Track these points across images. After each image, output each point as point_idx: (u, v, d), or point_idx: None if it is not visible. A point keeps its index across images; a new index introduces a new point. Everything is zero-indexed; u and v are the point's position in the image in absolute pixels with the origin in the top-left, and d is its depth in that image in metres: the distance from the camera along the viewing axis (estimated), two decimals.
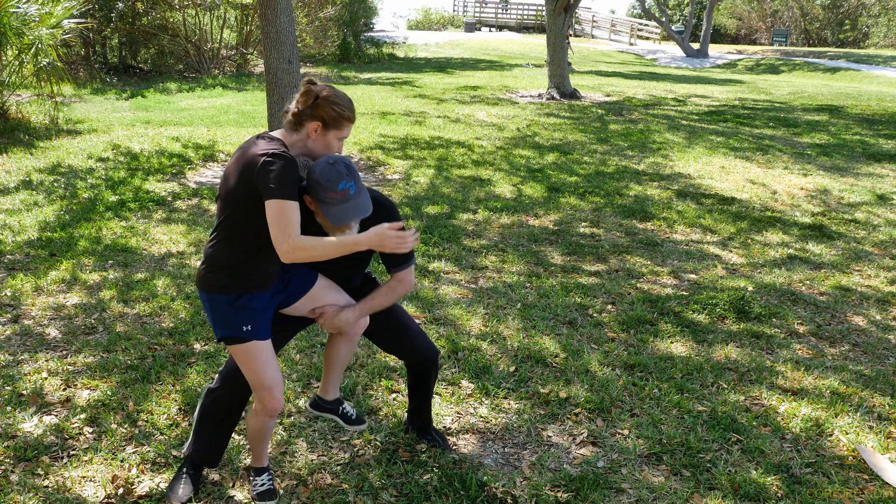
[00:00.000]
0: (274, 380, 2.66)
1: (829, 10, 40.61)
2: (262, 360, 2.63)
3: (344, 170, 2.52)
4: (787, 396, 3.75)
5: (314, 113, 2.52)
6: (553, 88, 14.60)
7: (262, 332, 2.64)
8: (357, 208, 2.54)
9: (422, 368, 3.09)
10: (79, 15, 11.93)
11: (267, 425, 2.78)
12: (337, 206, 2.51)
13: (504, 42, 32.07)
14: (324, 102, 2.52)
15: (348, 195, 2.51)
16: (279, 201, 2.37)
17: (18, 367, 3.84)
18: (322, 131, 2.54)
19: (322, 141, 2.56)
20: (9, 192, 6.99)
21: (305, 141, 2.56)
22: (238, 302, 2.57)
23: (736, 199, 7.52)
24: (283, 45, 7.18)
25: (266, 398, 2.67)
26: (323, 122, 2.53)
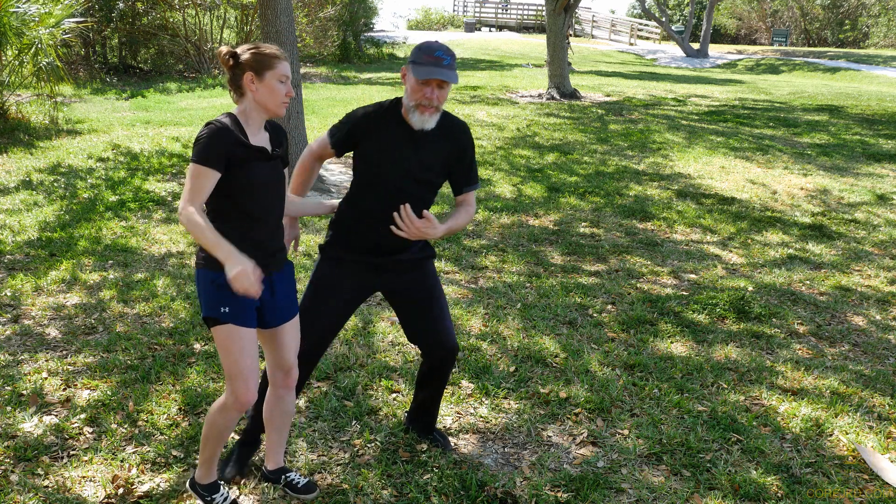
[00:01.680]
0: (251, 369, 2.56)
1: (829, 10, 40.61)
2: (239, 347, 2.54)
3: (445, 47, 2.70)
4: (787, 396, 3.75)
5: (240, 70, 2.53)
6: (553, 88, 14.60)
7: (243, 318, 2.55)
8: (443, 73, 2.66)
9: (441, 364, 3.06)
10: (79, 15, 11.93)
11: (229, 426, 2.66)
12: (427, 66, 2.67)
13: (504, 42, 32.07)
14: (243, 53, 2.53)
15: (441, 62, 2.68)
16: (192, 164, 2.45)
17: (18, 367, 3.84)
18: (257, 80, 2.52)
19: (264, 89, 2.53)
20: (9, 192, 6.99)
21: (254, 102, 2.55)
22: (218, 279, 2.49)
23: (736, 199, 7.52)
24: (283, 45, 7.18)
25: (240, 389, 2.55)
26: (253, 71, 2.51)
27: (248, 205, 2.55)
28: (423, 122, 2.73)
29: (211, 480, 2.79)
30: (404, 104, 2.77)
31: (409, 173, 2.78)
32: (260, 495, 2.90)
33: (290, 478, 2.93)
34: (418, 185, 2.81)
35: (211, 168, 2.43)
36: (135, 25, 18.73)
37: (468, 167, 2.91)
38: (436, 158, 2.82)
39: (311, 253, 5.71)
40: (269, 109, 2.57)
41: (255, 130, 2.58)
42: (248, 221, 2.56)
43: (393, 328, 4.41)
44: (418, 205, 2.81)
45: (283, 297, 2.70)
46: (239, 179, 2.50)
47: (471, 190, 2.94)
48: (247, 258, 2.37)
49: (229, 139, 2.47)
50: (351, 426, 3.39)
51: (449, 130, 2.83)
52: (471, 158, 2.92)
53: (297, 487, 2.90)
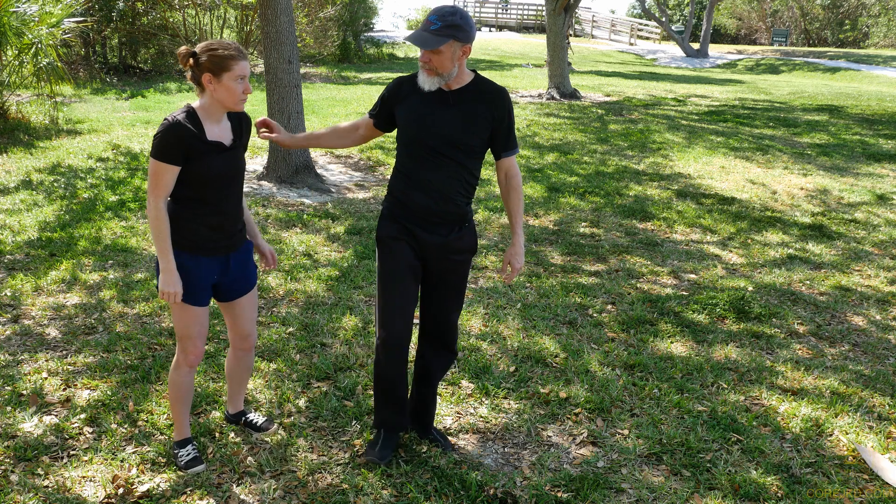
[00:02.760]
0: (200, 334, 2.87)
1: (829, 10, 40.61)
2: (189, 317, 2.83)
3: (446, 10, 2.74)
4: (787, 396, 3.75)
5: (199, 69, 2.62)
6: (553, 88, 14.60)
7: (194, 297, 2.80)
8: (418, 36, 2.72)
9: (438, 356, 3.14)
10: (79, 15, 11.93)
11: (185, 381, 2.94)
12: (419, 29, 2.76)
13: (504, 42, 32.07)
14: (201, 55, 2.61)
15: (428, 27, 2.72)
16: (152, 160, 2.65)
17: (18, 367, 3.84)
18: (215, 80, 2.63)
19: (221, 89, 2.65)
20: (9, 192, 6.99)
21: (213, 99, 2.67)
22: (176, 259, 2.74)
23: (736, 199, 7.52)
24: (283, 45, 7.18)
25: (188, 347, 2.87)
26: (210, 72, 2.61)
27: (205, 194, 2.73)
28: (424, 83, 2.82)
29: (182, 437, 3.06)
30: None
31: (443, 136, 2.83)
32: (260, 496, 2.91)
33: (249, 418, 3.29)
34: (454, 148, 2.84)
35: (169, 164, 2.63)
36: (135, 25, 18.72)
37: (506, 132, 2.94)
38: (470, 121, 2.85)
39: (311, 253, 5.71)
40: (227, 106, 2.71)
41: (215, 123, 2.72)
42: (204, 207, 2.75)
43: None
44: (457, 169, 2.88)
45: (238, 274, 2.92)
46: (194, 172, 2.68)
47: (510, 154, 2.99)
48: (178, 280, 2.72)
49: (184, 134, 2.62)
50: (351, 426, 3.39)
51: (485, 94, 2.88)
52: (511, 123, 2.95)
53: (257, 426, 3.25)
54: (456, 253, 2.98)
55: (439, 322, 3.09)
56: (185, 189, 2.71)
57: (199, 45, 2.67)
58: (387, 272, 2.95)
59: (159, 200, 2.67)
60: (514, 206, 3.02)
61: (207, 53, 2.61)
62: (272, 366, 3.93)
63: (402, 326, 2.95)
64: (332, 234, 6.19)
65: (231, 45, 2.65)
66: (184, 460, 3.00)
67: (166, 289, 2.71)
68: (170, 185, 2.67)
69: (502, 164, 3.00)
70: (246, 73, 2.66)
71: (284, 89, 7.27)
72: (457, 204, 2.92)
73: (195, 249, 2.78)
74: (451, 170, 2.87)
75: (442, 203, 2.89)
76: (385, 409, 3.11)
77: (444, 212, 2.91)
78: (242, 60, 2.64)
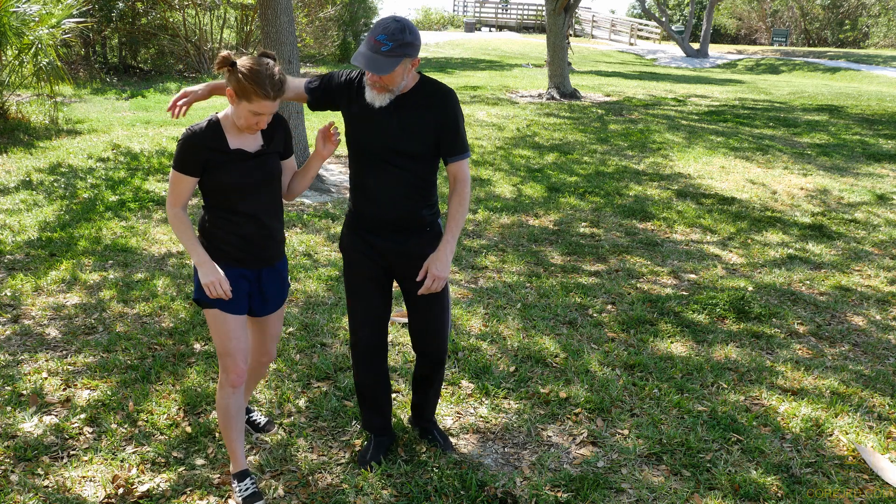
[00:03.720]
0: (237, 349, 2.74)
1: (829, 10, 40.61)
2: (227, 329, 2.72)
3: (393, 27, 2.55)
4: (787, 396, 3.75)
5: (228, 80, 2.53)
6: (553, 88, 14.60)
7: (229, 305, 2.70)
8: (370, 61, 2.55)
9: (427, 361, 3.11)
10: (79, 15, 11.93)
11: (232, 403, 2.79)
12: (364, 49, 2.57)
13: (504, 42, 32.07)
14: (236, 71, 2.49)
15: (378, 48, 2.54)
16: (172, 169, 2.63)
17: (18, 367, 3.84)
18: (236, 99, 2.52)
19: (237, 110, 2.56)
20: (9, 192, 6.99)
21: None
22: None
23: (736, 199, 7.52)
24: (283, 45, 7.18)
25: (229, 365, 2.76)
26: (235, 91, 2.51)
27: (232, 202, 2.66)
28: (373, 99, 2.69)
29: (238, 469, 2.88)
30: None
31: (385, 144, 2.74)
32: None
33: (252, 418, 3.24)
34: (397, 155, 2.74)
35: (186, 174, 2.60)
36: (135, 25, 18.73)
37: (454, 136, 2.79)
38: (413, 128, 2.73)
39: (311, 253, 5.71)
40: (237, 125, 2.61)
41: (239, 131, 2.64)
42: (234, 217, 2.68)
43: (393, 328, 4.41)
44: (405, 176, 2.77)
45: (270, 291, 2.84)
46: (215, 182, 2.62)
47: (459, 159, 2.81)
48: (217, 268, 2.60)
49: (203, 145, 2.58)
50: (351, 426, 3.39)
51: (430, 98, 2.76)
52: (456, 126, 2.79)
53: (259, 426, 3.24)
54: (418, 258, 2.84)
55: (423, 327, 3.01)
56: (212, 197, 2.67)
57: (243, 60, 2.51)
58: (348, 284, 2.95)
59: (176, 209, 2.63)
60: (453, 210, 2.79)
61: (241, 74, 2.48)
62: (272, 366, 3.94)
63: (369, 334, 2.97)
64: (332, 234, 6.19)
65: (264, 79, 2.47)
66: (242, 496, 2.81)
67: (209, 279, 2.59)
68: (186, 195, 2.63)
69: (450, 168, 2.82)
70: (264, 111, 2.52)
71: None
72: (409, 210, 2.81)
73: (226, 259, 2.70)
74: (398, 177, 2.76)
75: (391, 211, 2.79)
76: (365, 412, 3.16)
77: (397, 219, 2.82)
78: (266, 100, 2.49)
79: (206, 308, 2.71)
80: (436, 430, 3.28)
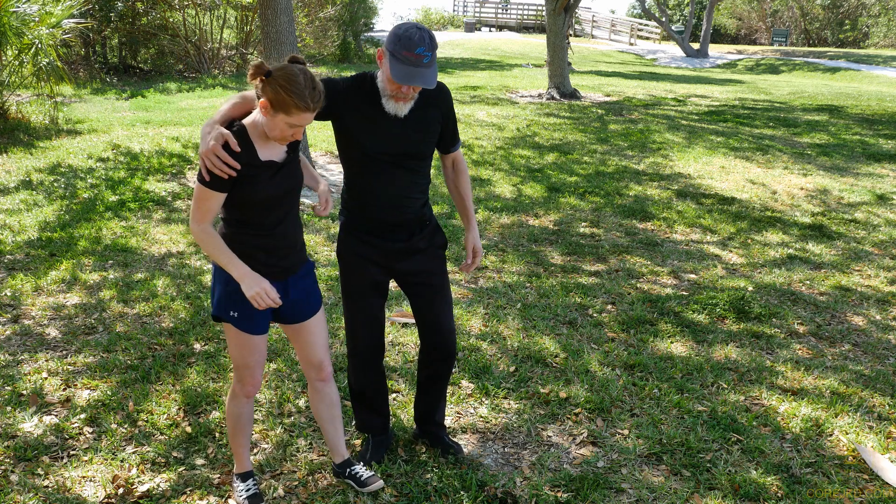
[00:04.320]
0: (258, 363, 2.69)
1: (829, 10, 40.61)
2: (246, 346, 2.65)
3: (427, 38, 2.55)
4: (787, 396, 3.75)
5: (263, 90, 2.36)
6: (553, 88, 14.60)
7: (249, 325, 2.60)
8: (422, 76, 2.55)
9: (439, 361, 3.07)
10: (79, 15, 11.93)
11: (243, 413, 2.77)
12: (406, 65, 2.53)
13: (504, 42, 32.07)
14: (272, 81, 2.33)
15: (421, 62, 2.53)
16: (197, 185, 2.44)
17: (18, 367, 3.84)
18: (271, 111, 2.36)
19: (272, 122, 2.38)
20: (9, 192, 6.99)
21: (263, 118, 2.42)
22: (231, 286, 2.54)
23: (736, 199, 7.52)
24: (283, 45, 7.18)
25: (245, 377, 2.70)
26: (270, 103, 2.35)
27: (257, 216, 2.53)
28: (397, 110, 2.69)
29: (242, 470, 2.88)
30: (379, 87, 2.69)
31: (398, 150, 2.74)
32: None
33: (354, 471, 2.96)
34: (409, 158, 2.78)
35: (215, 191, 2.42)
36: (135, 25, 18.73)
37: (453, 128, 2.92)
38: (422, 128, 2.77)
39: (311, 253, 5.71)
40: (268, 136, 2.46)
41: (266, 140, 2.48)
42: (258, 230, 2.54)
43: (393, 328, 4.41)
44: (412, 177, 2.81)
45: (300, 296, 2.71)
46: (245, 196, 2.47)
47: (458, 148, 2.98)
48: (260, 277, 2.46)
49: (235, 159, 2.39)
50: (351, 426, 3.39)
51: (430, 96, 2.76)
52: (455, 118, 2.92)
53: (361, 481, 2.92)
54: (420, 253, 2.90)
55: (432, 328, 3.00)
56: (235, 212, 2.50)
57: (277, 68, 2.35)
58: (347, 289, 2.94)
59: (203, 224, 2.44)
60: (465, 191, 3.02)
61: (278, 85, 2.32)
62: (272, 366, 3.94)
63: (369, 335, 2.98)
64: (332, 234, 6.19)
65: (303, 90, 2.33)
66: (243, 496, 2.81)
67: (254, 291, 2.43)
68: (214, 211, 2.44)
69: (452, 157, 2.98)
70: (303, 123, 2.39)
71: None
72: (413, 210, 2.85)
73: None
74: (406, 179, 2.79)
75: (398, 213, 2.81)
76: (364, 413, 3.16)
77: (402, 221, 2.84)
78: (306, 113, 2.36)
79: (224, 324, 2.62)
80: (447, 436, 3.23)
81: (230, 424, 2.81)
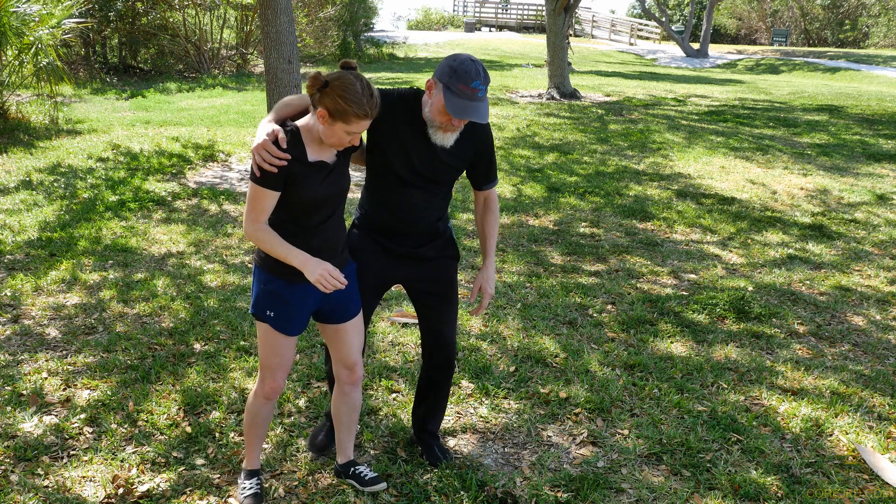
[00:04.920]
0: (281, 365, 2.70)
1: (829, 10, 40.61)
2: (275, 345, 2.66)
3: (482, 72, 2.56)
4: (787, 396, 3.75)
5: (321, 100, 2.40)
6: (553, 88, 14.60)
7: (284, 326, 2.63)
8: (477, 111, 2.55)
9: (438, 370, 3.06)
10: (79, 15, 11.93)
11: (261, 411, 2.79)
12: (462, 98, 2.53)
13: (504, 42, 32.07)
14: (330, 91, 2.37)
15: (476, 95, 2.54)
16: (252, 184, 2.46)
17: (18, 367, 3.84)
18: (329, 120, 2.40)
19: (329, 130, 2.42)
20: (9, 192, 7.00)
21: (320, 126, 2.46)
22: (270, 285, 2.59)
23: (736, 199, 7.52)
24: (283, 45, 7.18)
25: (267, 378, 2.71)
26: (328, 112, 2.39)
27: (305, 216, 2.54)
28: (444, 141, 2.68)
29: (251, 468, 2.89)
30: (425, 113, 2.66)
31: (424, 171, 2.73)
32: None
33: (358, 470, 2.97)
34: (432, 182, 2.78)
35: (270, 189, 2.44)
36: (135, 25, 18.74)
37: (488, 164, 2.88)
38: (453, 159, 2.76)
39: None
40: (326, 143, 2.49)
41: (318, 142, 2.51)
42: (305, 230, 2.56)
43: (393, 328, 4.41)
44: (432, 199, 2.81)
45: (340, 299, 2.72)
46: (295, 196, 2.49)
47: (492, 186, 2.95)
48: (320, 261, 2.48)
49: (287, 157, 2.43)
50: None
51: (468, 130, 2.76)
52: (492, 157, 2.88)
53: (365, 480, 2.93)
54: (430, 261, 2.89)
55: (433, 337, 2.98)
56: (282, 212, 2.52)
57: (334, 78, 2.38)
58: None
59: (258, 224, 2.48)
60: (490, 229, 2.96)
61: (336, 95, 2.36)
62: None
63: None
64: None
65: (361, 98, 2.37)
66: (245, 493, 2.82)
67: (317, 274, 2.44)
68: (269, 210, 2.48)
69: (485, 194, 2.96)
70: (360, 130, 2.42)
71: (284, 89, 7.26)
72: (428, 224, 2.84)
73: (292, 276, 2.57)
74: (423, 199, 2.78)
75: (413, 226, 2.81)
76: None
77: (413, 232, 2.84)
78: (365, 120, 2.40)
79: (260, 322, 2.65)
80: (437, 446, 3.18)
81: (247, 419, 2.82)
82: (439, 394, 3.13)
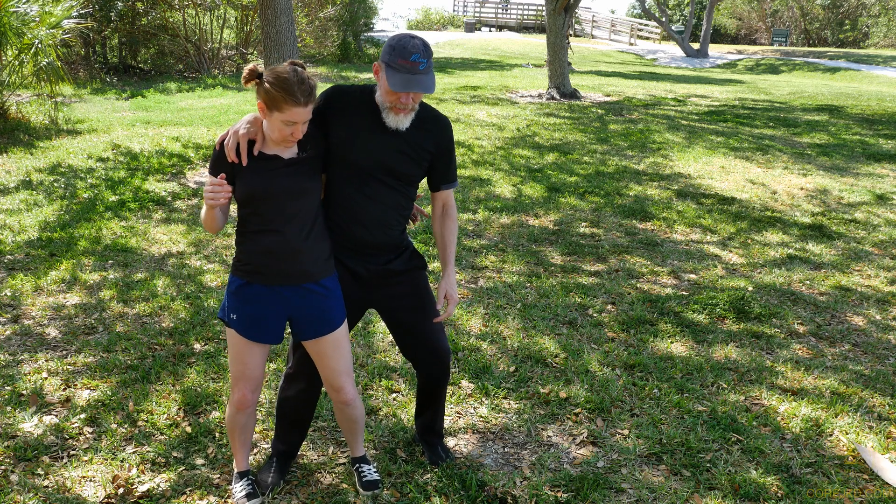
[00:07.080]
0: (245, 375, 2.69)
1: (829, 10, 40.61)
2: (238, 352, 2.66)
3: (420, 45, 2.54)
4: (787, 396, 3.75)
5: (258, 92, 2.44)
6: (553, 88, 14.60)
7: (247, 330, 2.61)
8: (419, 83, 2.52)
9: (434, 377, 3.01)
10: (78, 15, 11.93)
11: (237, 419, 2.78)
12: (402, 73, 2.51)
13: (504, 42, 32.07)
14: (265, 80, 2.41)
15: (416, 68, 2.51)
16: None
17: (18, 367, 3.84)
18: (267, 112, 2.43)
19: (270, 123, 2.45)
20: (9, 192, 7.00)
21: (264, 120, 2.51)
22: (232, 286, 2.64)
23: (736, 199, 7.52)
24: (283, 45, 7.19)
25: (233, 389, 2.74)
26: (265, 103, 2.42)
27: (257, 210, 2.54)
28: (398, 123, 2.64)
29: (240, 469, 2.91)
30: (377, 100, 2.66)
31: (382, 163, 2.67)
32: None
33: (360, 469, 2.98)
34: (391, 176, 2.71)
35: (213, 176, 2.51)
36: (135, 25, 18.73)
37: (447, 164, 2.82)
38: (411, 148, 2.70)
39: None
40: (272, 139, 2.51)
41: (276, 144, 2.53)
42: (262, 229, 2.56)
43: None
44: (394, 196, 2.73)
45: (312, 312, 2.64)
46: (243, 187, 2.52)
47: (451, 187, 2.87)
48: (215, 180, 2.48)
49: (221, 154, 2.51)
50: None
51: (427, 122, 2.73)
52: (452, 154, 2.83)
53: (361, 481, 2.94)
54: (399, 275, 2.82)
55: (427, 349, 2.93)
56: (243, 209, 2.57)
57: (269, 70, 2.42)
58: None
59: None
60: (449, 236, 2.89)
61: (268, 83, 2.39)
62: (272, 366, 3.94)
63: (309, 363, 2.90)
64: None
65: (297, 83, 2.37)
66: (240, 493, 2.83)
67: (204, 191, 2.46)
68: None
69: (442, 195, 2.87)
70: (298, 119, 2.41)
71: None
72: (392, 235, 2.76)
73: (249, 275, 2.58)
74: (388, 197, 2.71)
75: (378, 234, 2.72)
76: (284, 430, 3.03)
77: (380, 243, 2.75)
78: (297, 107, 2.37)
79: (226, 327, 2.68)
80: (441, 445, 3.19)
81: (227, 426, 2.84)
82: (438, 396, 3.12)
